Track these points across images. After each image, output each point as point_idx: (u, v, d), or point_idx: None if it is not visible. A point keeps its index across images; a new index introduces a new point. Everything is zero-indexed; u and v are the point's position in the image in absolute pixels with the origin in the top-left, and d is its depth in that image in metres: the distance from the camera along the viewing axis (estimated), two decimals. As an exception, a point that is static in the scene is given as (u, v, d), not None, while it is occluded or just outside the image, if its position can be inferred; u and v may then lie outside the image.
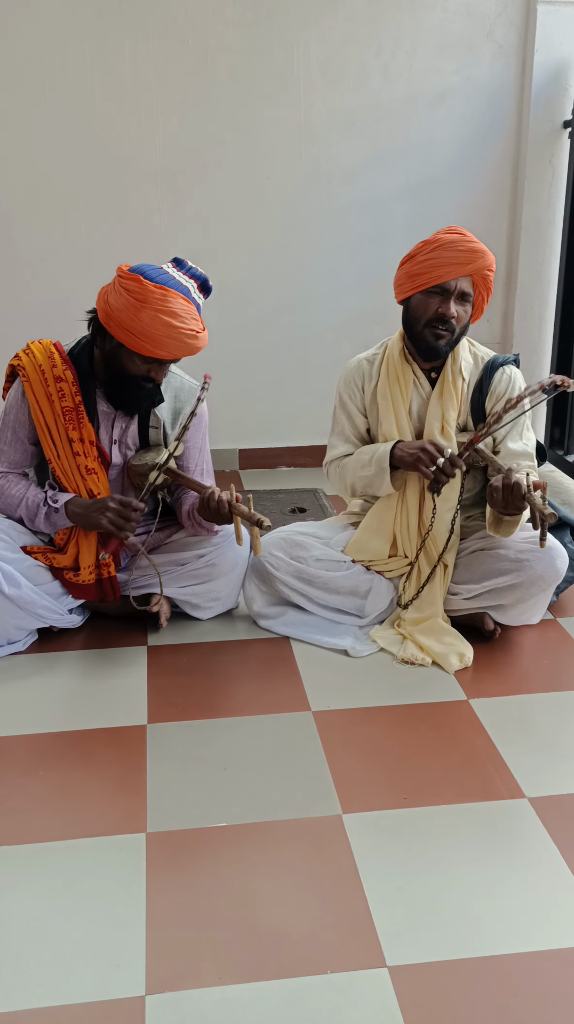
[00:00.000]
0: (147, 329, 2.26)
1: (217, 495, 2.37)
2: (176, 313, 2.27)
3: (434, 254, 2.43)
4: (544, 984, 1.51)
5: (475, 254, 2.42)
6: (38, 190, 3.74)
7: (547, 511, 2.18)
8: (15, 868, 1.76)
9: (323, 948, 1.57)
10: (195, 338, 2.32)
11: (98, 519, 2.39)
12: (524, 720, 2.24)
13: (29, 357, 2.47)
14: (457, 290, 2.44)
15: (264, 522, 2.28)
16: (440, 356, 2.51)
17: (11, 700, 2.31)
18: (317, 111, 3.79)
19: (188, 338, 2.30)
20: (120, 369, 2.39)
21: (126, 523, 2.38)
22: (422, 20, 3.75)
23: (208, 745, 2.13)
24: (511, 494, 2.27)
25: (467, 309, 2.48)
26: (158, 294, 2.26)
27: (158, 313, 2.25)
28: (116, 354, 2.37)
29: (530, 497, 2.22)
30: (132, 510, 2.38)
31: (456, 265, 2.41)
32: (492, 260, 2.46)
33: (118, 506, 2.38)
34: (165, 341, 2.29)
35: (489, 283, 2.48)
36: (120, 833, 1.84)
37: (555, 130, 3.87)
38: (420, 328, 2.48)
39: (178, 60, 3.66)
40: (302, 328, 4.04)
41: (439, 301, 2.44)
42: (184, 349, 2.33)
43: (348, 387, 2.66)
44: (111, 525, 2.38)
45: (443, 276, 2.41)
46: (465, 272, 2.42)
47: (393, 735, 2.17)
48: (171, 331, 2.27)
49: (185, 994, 1.49)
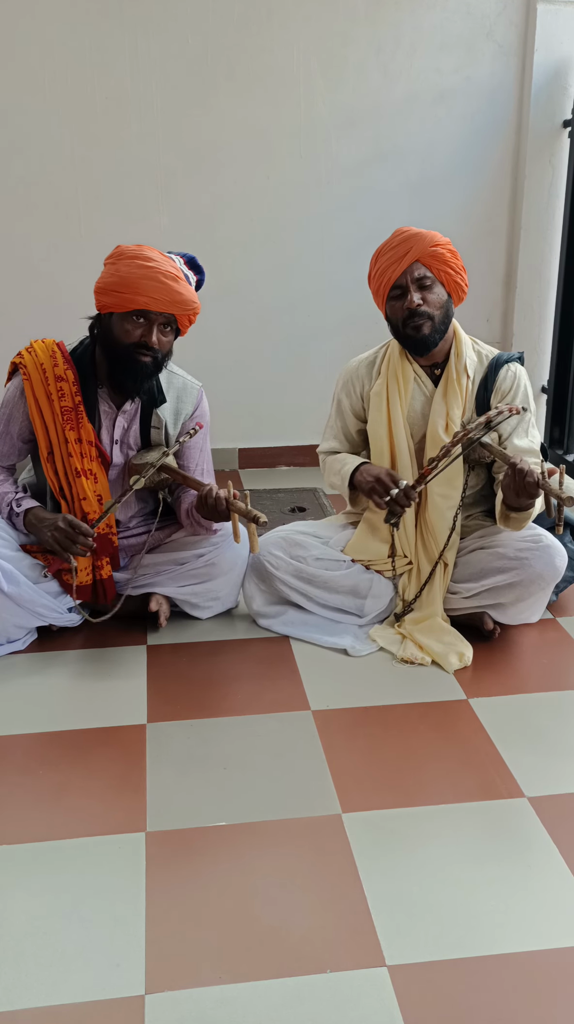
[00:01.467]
0: (125, 278, 2.33)
1: (215, 492, 2.38)
2: (150, 257, 2.36)
3: (378, 263, 2.50)
4: (544, 983, 1.51)
5: (409, 241, 2.44)
6: (38, 189, 3.73)
7: (564, 495, 2.18)
8: (15, 867, 1.76)
9: (322, 947, 1.58)
10: (175, 281, 2.34)
11: (45, 535, 2.40)
12: (524, 719, 2.24)
13: (31, 355, 2.47)
14: (411, 280, 2.45)
15: (261, 519, 2.28)
16: (429, 347, 2.50)
17: (10, 699, 2.31)
18: (317, 110, 3.79)
19: (165, 279, 2.33)
20: (115, 343, 2.40)
21: (71, 545, 2.38)
22: (422, 19, 3.75)
23: (208, 744, 2.13)
24: (525, 479, 2.26)
25: (436, 291, 2.47)
26: (132, 249, 2.39)
27: (133, 259, 2.35)
28: (109, 329, 2.40)
29: (545, 483, 2.22)
30: (80, 534, 2.38)
31: (396, 261, 2.45)
32: (433, 237, 2.45)
33: (66, 527, 2.38)
34: (142, 283, 2.32)
35: (446, 259, 2.45)
36: (119, 832, 1.84)
37: (555, 130, 3.88)
38: (401, 330, 2.50)
39: (178, 59, 3.66)
40: (302, 328, 4.04)
41: (404, 300, 2.46)
42: (165, 292, 2.33)
43: (346, 388, 2.67)
44: (56, 543, 2.39)
45: (392, 276, 2.46)
46: (407, 262, 2.44)
47: (392, 734, 2.17)
48: (147, 271, 2.32)
49: (184, 993, 1.49)
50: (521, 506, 2.35)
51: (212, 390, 2.72)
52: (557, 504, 2.20)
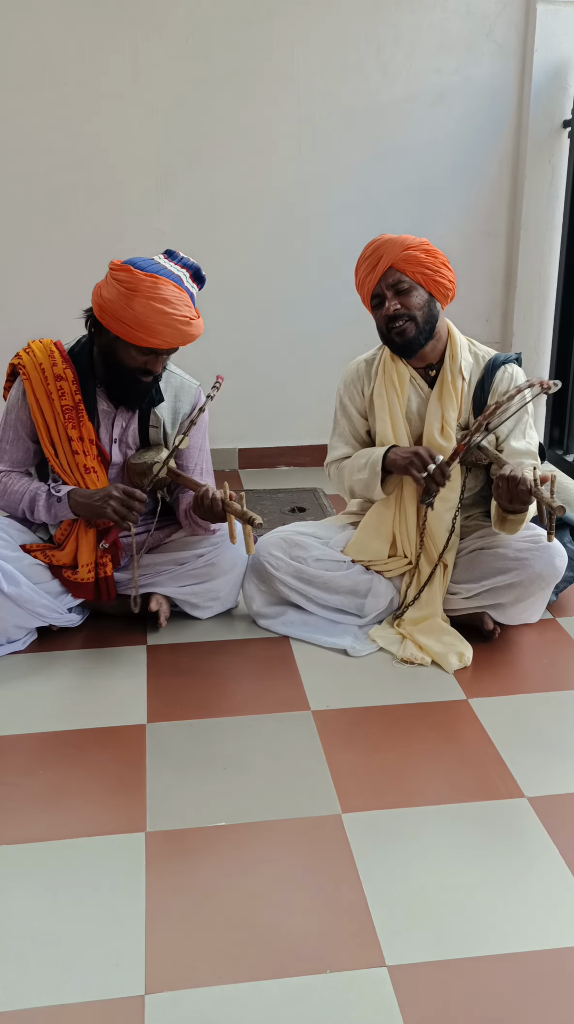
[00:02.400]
0: (140, 318, 2.27)
1: (211, 493, 2.38)
2: (168, 300, 2.27)
3: (358, 274, 2.54)
4: (544, 984, 1.51)
5: (379, 250, 2.46)
6: (38, 189, 3.73)
7: (555, 504, 2.18)
8: (15, 867, 1.76)
9: (322, 947, 1.57)
10: (188, 325, 2.31)
11: (102, 507, 2.39)
12: (523, 720, 2.24)
13: (29, 356, 2.47)
14: (387, 286, 2.46)
15: (256, 520, 2.28)
16: (415, 350, 2.51)
17: (10, 699, 2.31)
18: (316, 110, 3.79)
19: (181, 324, 2.30)
20: (117, 363, 2.39)
21: (129, 512, 2.39)
22: (422, 19, 3.75)
23: (207, 745, 2.13)
24: (517, 487, 2.27)
25: (414, 294, 2.46)
26: (149, 282, 2.26)
27: (150, 300, 2.26)
28: (112, 348, 2.37)
29: (537, 491, 2.22)
30: (136, 500, 2.39)
31: (370, 271, 2.48)
32: (403, 241, 2.45)
33: (122, 495, 2.38)
34: (158, 329, 2.28)
35: (420, 260, 2.45)
36: (119, 833, 1.84)
37: (555, 130, 3.88)
38: (386, 336, 2.52)
39: (178, 59, 3.66)
40: (302, 328, 4.04)
41: (383, 308, 2.48)
42: (178, 336, 2.32)
43: (348, 390, 2.67)
44: (115, 514, 2.38)
45: (370, 287, 2.49)
46: (380, 271, 2.45)
47: (392, 735, 2.17)
48: (164, 318, 2.27)
49: (184, 993, 1.49)
50: (515, 510, 2.36)
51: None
52: (548, 512, 2.20)
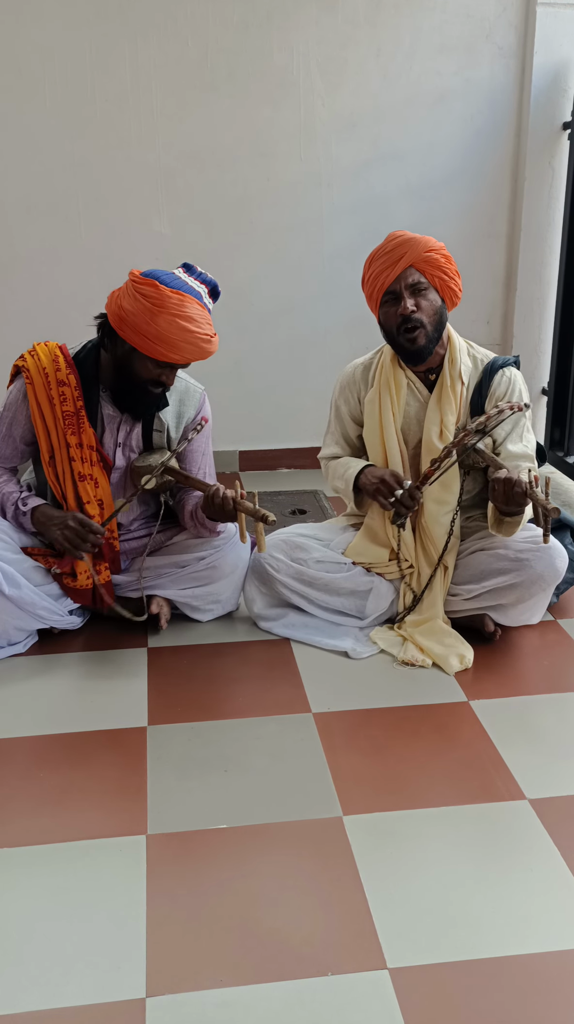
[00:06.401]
0: (164, 333, 2.28)
1: (222, 492, 2.38)
2: (192, 318, 2.29)
3: (372, 268, 2.49)
4: (545, 985, 1.51)
5: (403, 247, 2.43)
6: (38, 191, 3.74)
7: (550, 506, 2.18)
8: (16, 870, 1.76)
9: (324, 950, 1.57)
10: (209, 342, 2.34)
11: (55, 533, 2.40)
12: (524, 721, 2.24)
13: (34, 359, 2.47)
14: (405, 286, 2.44)
15: (269, 517, 2.28)
16: (424, 358, 2.50)
17: (11, 702, 2.31)
18: (317, 113, 3.80)
19: (203, 342, 2.32)
20: (130, 373, 2.40)
21: (81, 543, 2.38)
22: (422, 22, 3.76)
23: (208, 747, 2.13)
24: (512, 489, 2.27)
25: (430, 297, 2.46)
26: (175, 299, 2.28)
27: (175, 318, 2.27)
28: (127, 358, 2.38)
29: (533, 493, 2.22)
30: (91, 532, 2.38)
31: (390, 266, 2.43)
32: (426, 242, 2.44)
33: (77, 525, 2.38)
34: (181, 345, 2.30)
35: (440, 264, 2.44)
36: (120, 835, 1.84)
37: (555, 132, 3.88)
38: (395, 338, 2.49)
39: (178, 62, 3.67)
40: (302, 329, 4.05)
41: (397, 306, 2.45)
42: (198, 353, 2.35)
43: (343, 394, 2.68)
44: (66, 542, 2.39)
45: (385, 281, 2.45)
46: (401, 268, 2.43)
47: (393, 737, 2.17)
48: (187, 335, 2.29)
49: (185, 996, 1.49)
50: (511, 512, 2.36)
51: (213, 392, 2.72)
52: (543, 514, 2.20)
